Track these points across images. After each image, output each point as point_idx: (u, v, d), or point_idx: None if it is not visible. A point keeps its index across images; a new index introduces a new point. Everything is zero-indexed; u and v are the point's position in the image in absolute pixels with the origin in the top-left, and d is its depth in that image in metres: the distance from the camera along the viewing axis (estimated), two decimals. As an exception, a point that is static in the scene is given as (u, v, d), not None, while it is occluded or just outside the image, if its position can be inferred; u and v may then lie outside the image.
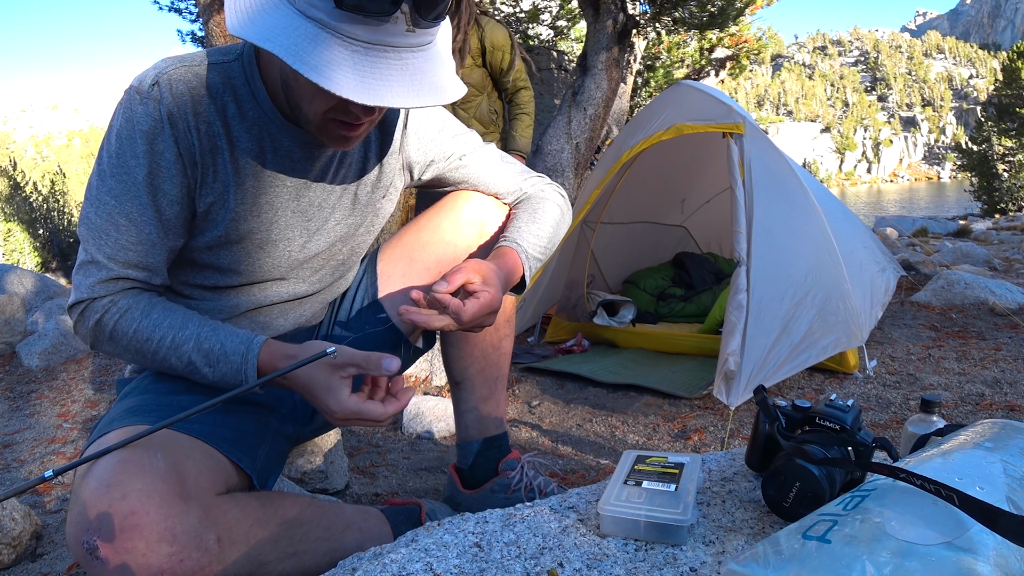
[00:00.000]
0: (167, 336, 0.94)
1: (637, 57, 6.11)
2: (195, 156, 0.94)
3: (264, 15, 0.79)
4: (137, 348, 0.95)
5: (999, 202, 22.24)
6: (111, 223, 0.93)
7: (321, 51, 0.77)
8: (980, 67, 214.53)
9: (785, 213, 2.57)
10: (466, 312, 0.94)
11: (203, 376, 0.95)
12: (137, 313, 0.95)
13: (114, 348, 0.97)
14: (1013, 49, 23.93)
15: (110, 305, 0.95)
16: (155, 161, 0.92)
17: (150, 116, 0.91)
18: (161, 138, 0.92)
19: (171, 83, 0.92)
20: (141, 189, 0.92)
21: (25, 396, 2.85)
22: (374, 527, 1.04)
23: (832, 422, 0.86)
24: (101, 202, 0.93)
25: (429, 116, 1.16)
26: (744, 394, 2.10)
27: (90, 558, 0.75)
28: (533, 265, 1.13)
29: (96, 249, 0.94)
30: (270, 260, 1.05)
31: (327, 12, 0.76)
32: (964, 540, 0.58)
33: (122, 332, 0.94)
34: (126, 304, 0.95)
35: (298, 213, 1.04)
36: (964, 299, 3.45)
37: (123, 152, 0.92)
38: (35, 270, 9.40)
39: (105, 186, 0.93)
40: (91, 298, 0.95)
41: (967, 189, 25.53)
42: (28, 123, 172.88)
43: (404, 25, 0.78)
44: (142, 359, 0.97)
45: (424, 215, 1.24)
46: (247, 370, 0.92)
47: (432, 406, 2.21)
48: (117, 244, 0.94)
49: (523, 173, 1.24)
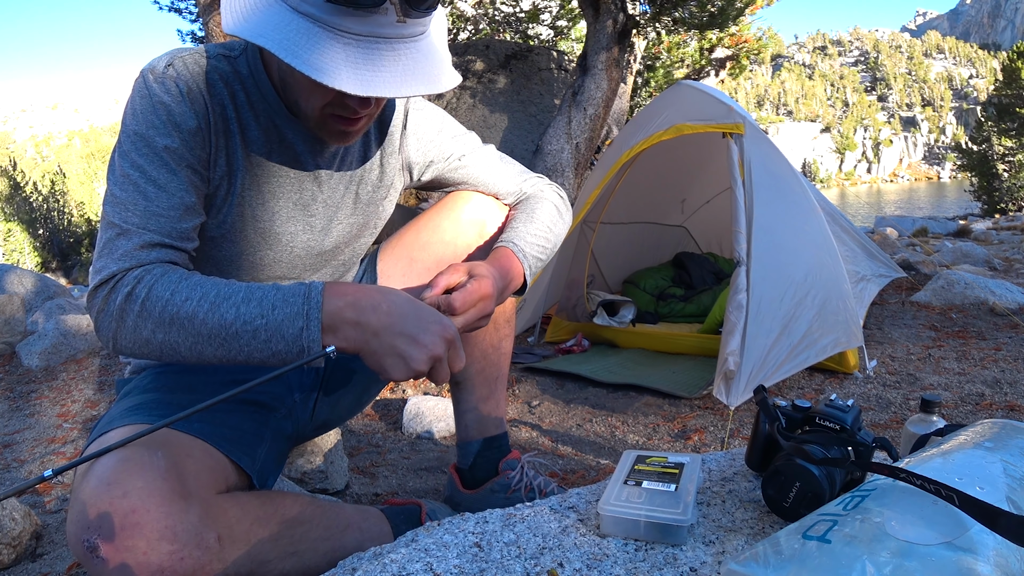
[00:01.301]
0: (210, 292, 0.83)
1: (637, 57, 6.11)
2: (210, 133, 0.94)
3: (257, 13, 0.80)
4: (172, 315, 0.82)
5: (999, 202, 22.26)
6: (139, 193, 0.88)
7: (314, 45, 0.78)
8: (980, 67, 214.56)
9: (785, 213, 2.57)
10: (457, 302, 0.92)
11: (254, 332, 0.82)
12: (175, 277, 0.85)
13: (143, 326, 0.84)
14: (1013, 49, 23.94)
15: (144, 274, 0.84)
16: (177, 129, 0.91)
17: (168, 91, 0.91)
18: (181, 108, 0.91)
19: (186, 64, 0.93)
20: (166, 155, 0.90)
21: (25, 396, 2.85)
22: (374, 527, 1.04)
23: (832, 422, 0.86)
24: (126, 177, 0.89)
25: (428, 117, 1.17)
26: (744, 394, 2.10)
27: (91, 556, 0.75)
28: (532, 263, 1.12)
29: (123, 220, 0.87)
30: (271, 254, 1.05)
31: (318, 6, 0.78)
32: (964, 540, 0.58)
33: (156, 297, 0.83)
34: (161, 271, 0.85)
35: (300, 207, 1.05)
36: (964, 299, 3.45)
37: (144, 125, 0.90)
38: (35, 270, 9.40)
39: (128, 161, 0.89)
40: (122, 270, 0.85)
41: (967, 189, 25.55)
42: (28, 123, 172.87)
43: (395, 16, 0.80)
44: (175, 333, 0.83)
45: (424, 215, 1.25)
46: (310, 311, 0.83)
47: (432, 406, 2.21)
48: (147, 212, 0.88)
49: (522, 173, 1.24)
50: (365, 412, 2.37)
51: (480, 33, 8.94)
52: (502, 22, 8.97)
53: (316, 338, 0.82)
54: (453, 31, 8.81)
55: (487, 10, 8.92)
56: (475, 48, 6.95)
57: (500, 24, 8.98)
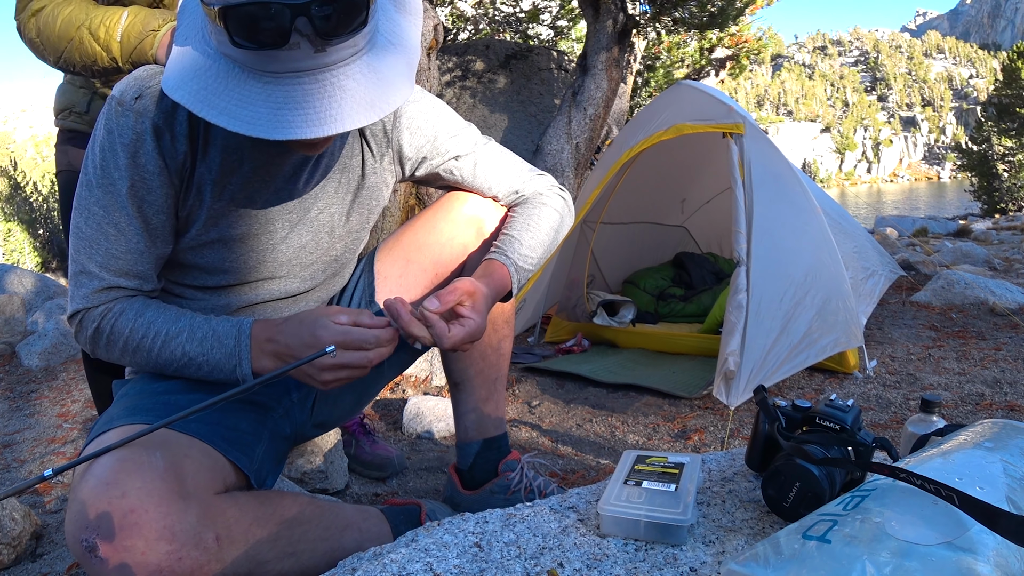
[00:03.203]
0: (161, 331, 0.96)
1: (637, 57, 6.12)
2: (181, 162, 0.95)
3: (185, 56, 0.82)
4: (134, 348, 0.96)
5: (999, 202, 22.25)
6: (100, 233, 0.95)
7: (232, 89, 0.78)
8: (980, 67, 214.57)
9: (785, 213, 2.57)
10: (449, 339, 0.94)
11: (198, 367, 0.96)
12: (131, 314, 0.97)
13: (112, 351, 0.99)
14: (1013, 49, 23.94)
15: (105, 312, 0.97)
16: (138, 173, 0.93)
17: (131, 129, 0.91)
18: (144, 151, 0.92)
19: (153, 97, 0.91)
20: (126, 201, 0.94)
21: (25, 396, 2.85)
22: (373, 527, 1.04)
23: (832, 422, 0.86)
24: (90, 212, 0.95)
25: (423, 111, 1.14)
26: (744, 394, 2.10)
27: (89, 556, 0.75)
28: (523, 277, 1.13)
29: (87, 259, 0.96)
30: (255, 255, 1.05)
31: (232, 49, 0.77)
32: (964, 540, 0.58)
33: (118, 334, 0.96)
34: (120, 308, 0.97)
35: (278, 204, 1.03)
36: (964, 299, 3.45)
37: (106, 164, 0.93)
38: (35, 270, 9.40)
39: (92, 196, 0.94)
40: (87, 308, 0.97)
41: (967, 189, 25.55)
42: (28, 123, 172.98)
43: (311, 48, 0.76)
44: (139, 359, 0.98)
45: (422, 215, 1.24)
46: (240, 350, 0.94)
47: (432, 406, 2.21)
48: (108, 253, 0.95)
49: (521, 174, 1.21)
50: (365, 412, 2.37)
51: (480, 33, 8.94)
52: (502, 22, 8.96)
53: (247, 372, 0.94)
54: (453, 31, 8.81)
55: (487, 10, 8.91)
56: (475, 48, 6.94)
57: (500, 24, 8.98)
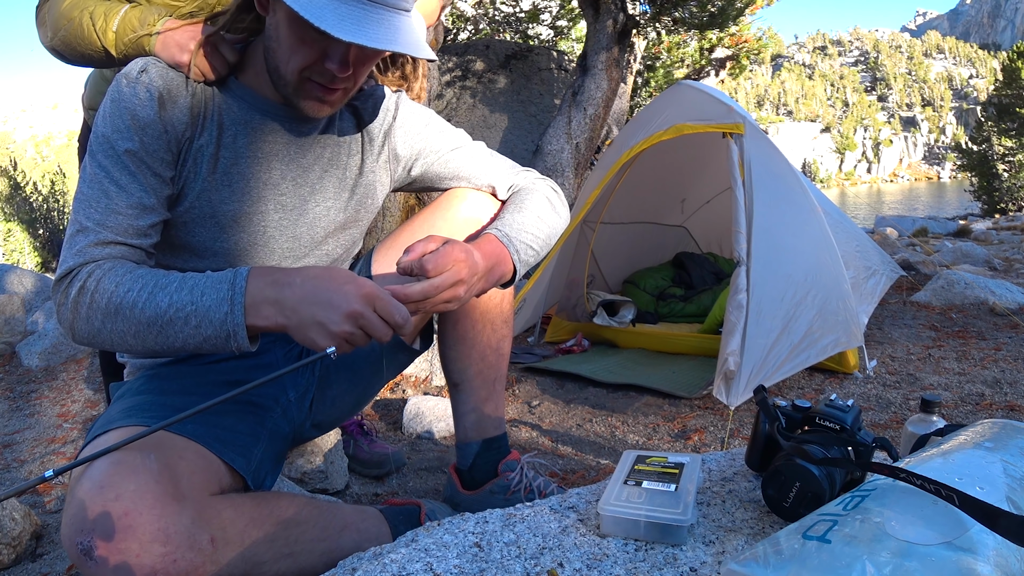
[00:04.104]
0: (149, 282, 0.88)
1: (637, 57, 6.12)
2: (181, 132, 0.99)
3: None
4: (116, 307, 0.87)
5: (999, 202, 22.23)
6: (101, 191, 0.95)
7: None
8: (980, 67, 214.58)
9: (785, 213, 2.57)
10: (429, 264, 0.91)
11: (184, 320, 0.86)
12: (121, 271, 0.90)
13: (94, 318, 0.89)
14: (1013, 49, 23.92)
15: (94, 268, 0.90)
16: (139, 136, 0.96)
17: (137, 95, 0.96)
18: (147, 114, 0.96)
19: (158, 69, 0.99)
20: (127, 159, 0.96)
21: (25, 396, 2.85)
22: (372, 527, 1.04)
23: (832, 422, 0.86)
24: (92, 176, 0.96)
25: (415, 112, 1.20)
26: (744, 394, 2.10)
27: (85, 559, 0.75)
28: (521, 249, 1.08)
29: (86, 217, 0.94)
30: (246, 237, 1.06)
31: None
32: (964, 540, 0.58)
33: (103, 290, 0.88)
34: (110, 266, 0.91)
35: (270, 186, 1.06)
36: (964, 299, 3.45)
37: (111, 128, 0.96)
38: (35, 270, 9.40)
39: (95, 161, 0.96)
40: (78, 264, 0.91)
41: (967, 189, 25.52)
42: (28, 123, 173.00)
43: None
44: (120, 324, 0.88)
45: (419, 215, 1.25)
46: (234, 294, 0.86)
47: (432, 406, 2.21)
48: (107, 209, 0.94)
49: (513, 168, 1.25)
50: (365, 412, 2.36)
51: (480, 33, 8.94)
52: (502, 22, 8.97)
53: (240, 322, 0.86)
54: (453, 31, 8.81)
55: (487, 10, 8.92)
56: (475, 48, 6.94)
57: (500, 24, 8.98)
